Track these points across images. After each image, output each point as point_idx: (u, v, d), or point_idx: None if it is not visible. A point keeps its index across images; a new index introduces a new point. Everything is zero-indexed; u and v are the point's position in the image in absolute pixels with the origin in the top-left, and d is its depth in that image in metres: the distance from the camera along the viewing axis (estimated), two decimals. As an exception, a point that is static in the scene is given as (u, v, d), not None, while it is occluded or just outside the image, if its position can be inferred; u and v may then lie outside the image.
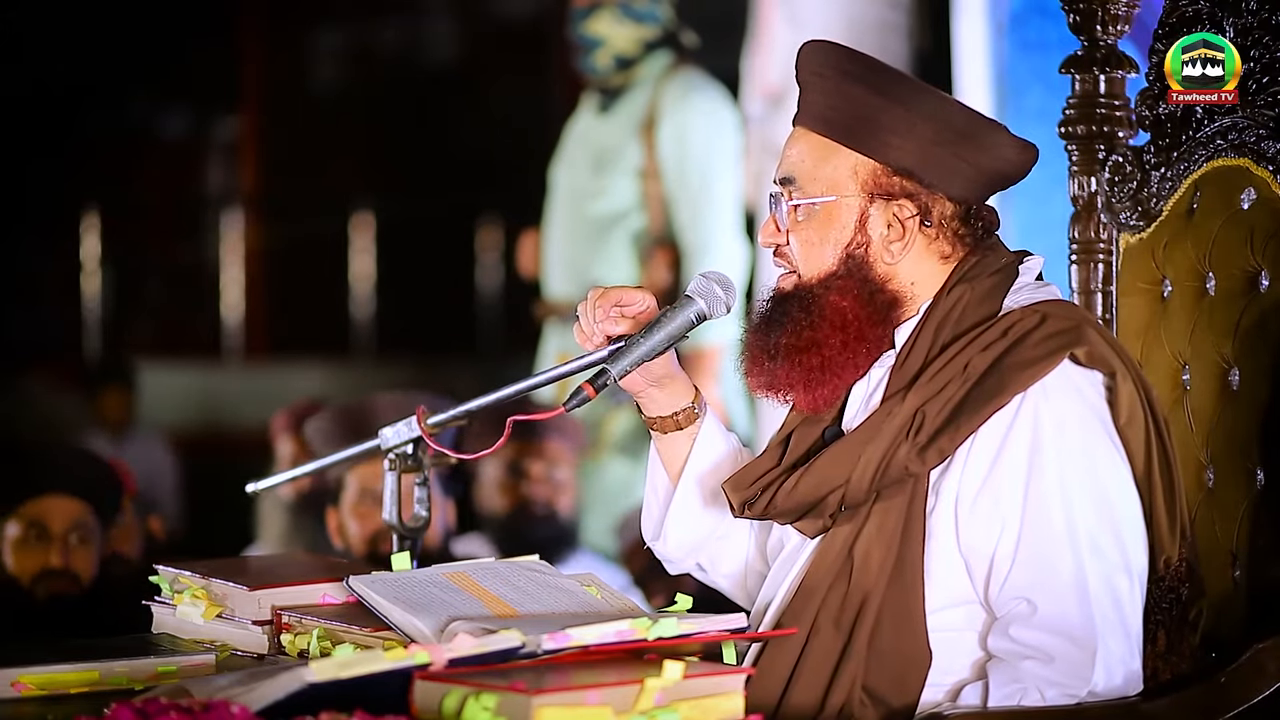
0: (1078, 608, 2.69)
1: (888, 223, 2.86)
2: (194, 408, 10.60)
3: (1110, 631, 2.70)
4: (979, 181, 2.88)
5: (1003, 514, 2.74)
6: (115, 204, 11.40)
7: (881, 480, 2.78)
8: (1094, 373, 2.78)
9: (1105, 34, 3.27)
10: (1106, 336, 2.83)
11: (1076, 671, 2.69)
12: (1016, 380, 2.74)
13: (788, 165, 2.90)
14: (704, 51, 6.58)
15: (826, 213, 2.87)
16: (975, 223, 2.89)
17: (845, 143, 2.86)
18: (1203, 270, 3.15)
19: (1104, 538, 2.72)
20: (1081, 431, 2.74)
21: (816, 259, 2.87)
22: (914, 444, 2.76)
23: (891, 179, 2.85)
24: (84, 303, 11.30)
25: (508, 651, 2.50)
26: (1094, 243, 3.29)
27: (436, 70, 11.93)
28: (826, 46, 2.92)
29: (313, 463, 3.71)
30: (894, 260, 2.86)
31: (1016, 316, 2.80)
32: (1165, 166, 3.22)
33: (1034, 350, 2.76)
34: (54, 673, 2.72)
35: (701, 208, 6.18)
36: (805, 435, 2.93)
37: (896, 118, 2.84)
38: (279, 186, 11.65)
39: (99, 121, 11.35)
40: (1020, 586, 2.72)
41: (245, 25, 11.65)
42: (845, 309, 2.84)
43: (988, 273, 2.87)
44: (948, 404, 2.76)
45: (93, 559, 4.31)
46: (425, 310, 11.26)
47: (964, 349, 2.80)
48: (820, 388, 2.87)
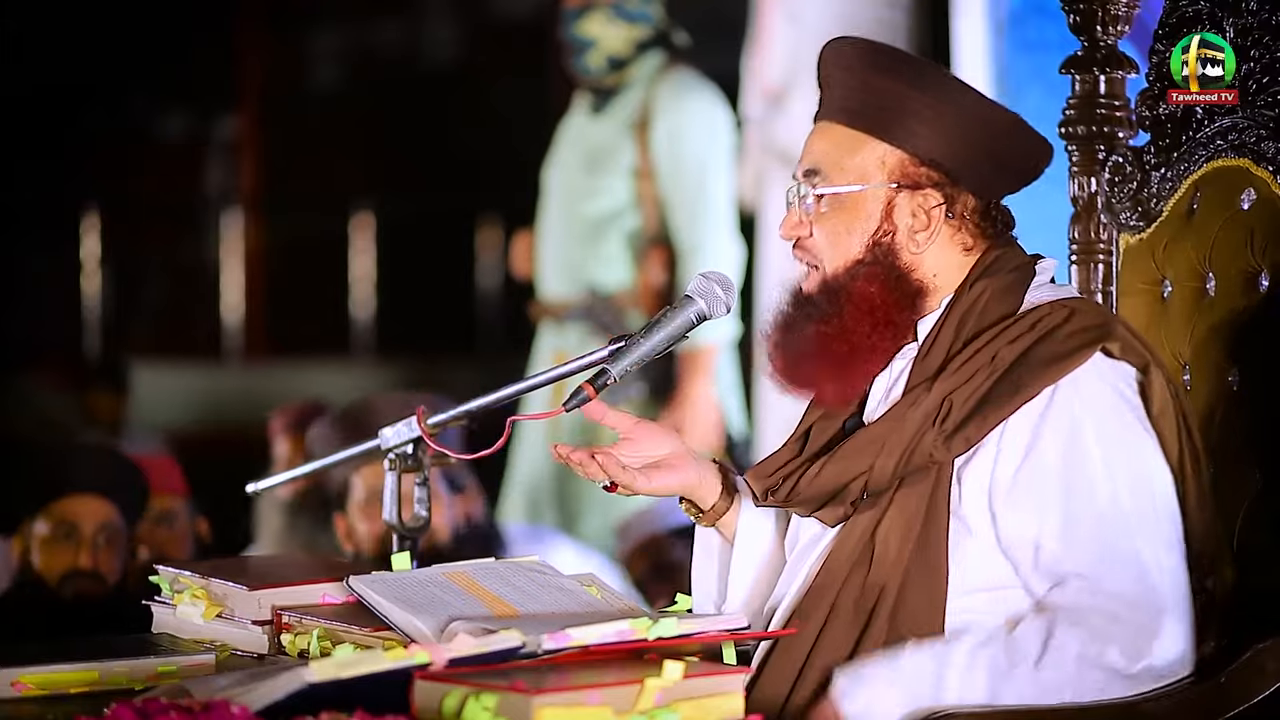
0: (1136, 583, 2.70)
1: (913, 212, 2.88)
2: (194, 408, 10.59)
3: (1171, 607, 2.71)
4: (998, 173, 2.90)
5: (1044, 500, 2.74)
6: (115, 204, 11.39)
7: (906, 467, 2.79)
8: (1126, 366, 2.80)
9: (1105, 34, 3.28)
10: (1134, 331, 2.86)
11: (1142, 635, 2.69)
12: (1047, 373, 2.76)
13: (812, 158, 2.91)
14: (702, 52, 6.57)
15: (853, 202, 2.88)
16: (995, 216, 2.92)
17: (872, 133, 2.88)
18: (1203, 271, 3.15)
19: (1151, 516, 2.73)
20: (1118, 419, 2.76)
21: (843, 248, 2.89)
22: (940, 431, 2.77)
23: (919, 169, 2.87)
24: (84, 303, 11.29)
25: (508, 651, 2.50)
26: (1094, 243, 3.29)
27: (436, 70, 11.93)
28: (852, 42, 2.94)
29: (313, 463, 3.71)
30: (919, 250, 2.88)
31: (1045, 310, 2.82)
32: (1165, 167, 3.23)
33: (1064, 344, 2.78)
34: (54, 673, 2.72)
35: (696, 207, 6.18)
36: (825, 428, 2.94)
37: (924, 107, 2.86)
38: (279, 186, 11.64)
39: (99, 121, 11.33)
40: (1076, 566, 2.72)
41: (245, 25, 11.64)
42: (873, 294, 2.85)
43: (1008, 269, 2.89)
44: (975, 394, 2.78)
45: (118, 560, 4.31)
46: (425, 310, 11.25)
47: (991, 341, 2.81)
48: (847, 377, 2.87)
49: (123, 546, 4.33)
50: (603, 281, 6.24)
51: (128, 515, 4.35)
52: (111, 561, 4.29)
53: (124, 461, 4.56)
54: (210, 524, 4.97)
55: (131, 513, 4.38)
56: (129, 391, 9.35)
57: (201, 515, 4.94)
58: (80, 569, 4.25)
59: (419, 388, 8.46)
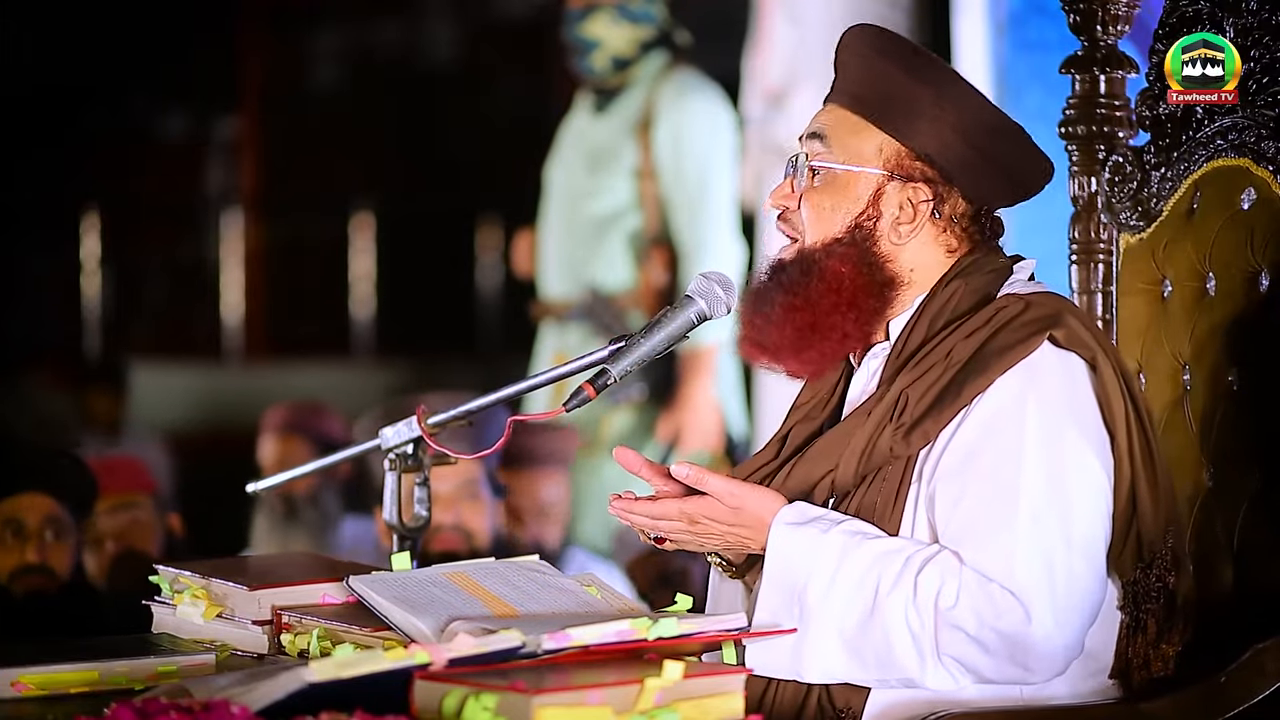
0: (1001, 563, 2.68)
1: (900, 204, 2.89)
2: (194, 408, 10.59)
3: (1045, 598, 2.67)
4: (992, 179, 2.91)
5: (953, 477, 2.75)
6: (115, 204, 11.39)
7: (866, 465, 2.81)
8: (1072, 355, 2.80)
9: (1105, 34, 3.28)
10: (1087, 323, 2.85)
11: (998, 605, 2.67)
12: (997, 363, 2.77)
13: (817, 124, 2.94)
14: (703, 52, 6.58)
15: (845, 181, 2.90)
16: (984, 223, 2.92)
17: (875, 121, 2.90)
18: (1203, 270, 3.15)
19: (1057, 508, 2.71)
20: (1049, 409, 2.75)
21: (825, 224, 2.90)
22: (897, 426, 2.78)
23: (914, 163, 2.89)
24: (84, 303, 11.29)
25: (508, 651, 2.50)
26: (1094, 243, 3.29)
27: (436, 70, 11.93)
28: (870, 28, 2.97)
29: (312, 463, 3.71)
30: (900, 241, 2.89)
31: (1002, 304, 2.84)
32: (1165, 167, 3.23)
33: (1014, 334, 2.79)
34: (54, 673, 2.71)
35: (698, 208, 6.18)
36: (803, 430, 2.95)
37: (927, 102, 2.88)
38: (279, 186, 11.65)
39: (99, 121, 11.34)
40: (952, 537, 2.72)
41: (245, 25, 11.64)
42: (843, 274, 2.87)
43: (984, 270, 2.90)
44: (931, 388, 2.79)
45: (69, 555, 4.31)
46: (425, 310, 11.26)
47: (948, 335, 2.83)
48: (809, 349, 2.88)
49: (72, 541, 4.34)
50: (604, 281, 6.24)
51: (74, 510, 4.36)
52: (61, 555, 4.29)
53: (68, 458, 4.57)
54: (197, 523, 4.98)
55: (78, 508, 4.39)
56: (129, 391, 9.35)
57: (173, 511, 4.96)
58: (29, 564, 4.25)
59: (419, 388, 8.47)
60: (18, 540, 4.28)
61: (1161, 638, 2.80)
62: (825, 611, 2.72)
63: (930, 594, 2.68)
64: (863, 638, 2.71)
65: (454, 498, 4.64)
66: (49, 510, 4.30)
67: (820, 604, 2.72)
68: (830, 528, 2.75)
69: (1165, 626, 2.80)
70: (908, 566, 2.70)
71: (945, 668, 2.70)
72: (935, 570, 2.69)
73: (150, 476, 4.95)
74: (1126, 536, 2.78)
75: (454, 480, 4.61)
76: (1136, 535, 2.78)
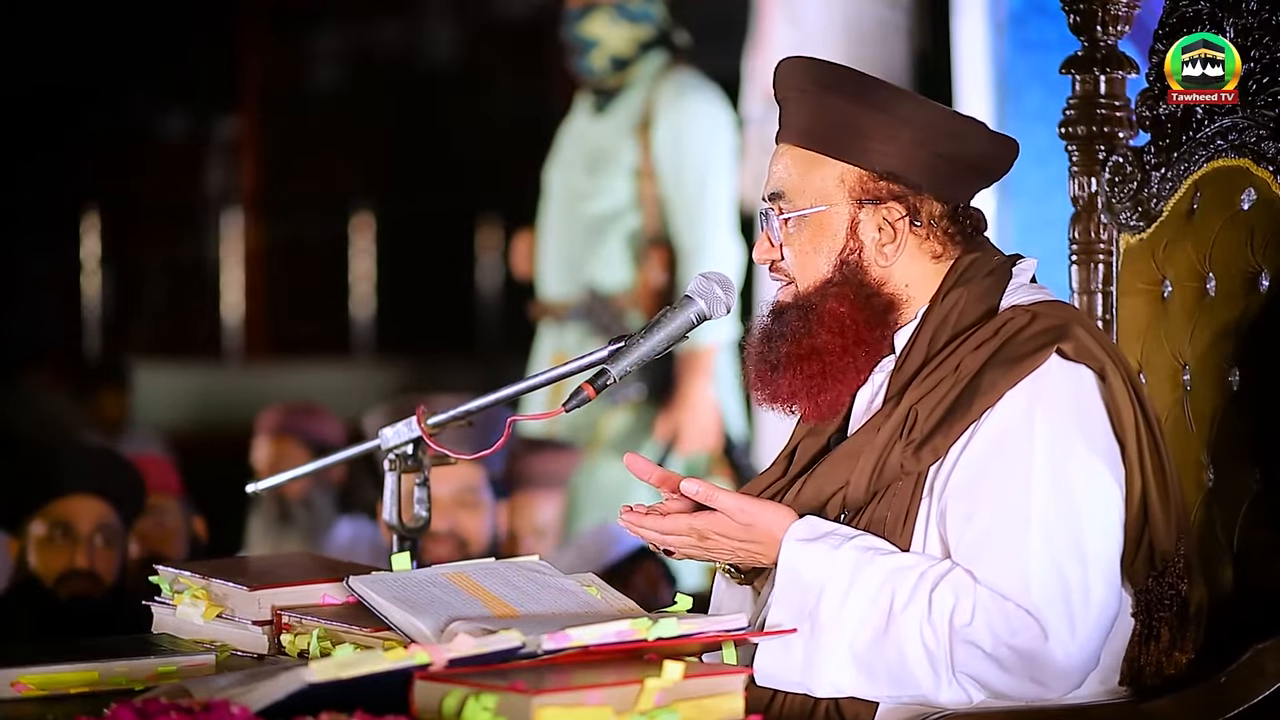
0: (1015, 581, 2.68)
1: (878, 226, 2.89)
2: (194, 408, 10.59)
3: (1058, 612, 2.68)
4: (961, 178, 2.91)
5: (965, 494, 2.75)
6: (115, 204, 11.40)
7: (878, 481, 2.80)
8: (1081, 367, 2.79)
9: (1105, 34, 3.28)
10: (1095, 333, 2.85)
11: (1011, 622, 2.67)
12: (1005, 378, 2.77)
13: (775, 181, 2.94)
14: (704, 53, 6.57)
15: (817, 222, 2.90)
16: (964, 221, 2.92)
17: (829, 153, 2.90)
18: (1203, 271, 3.15)
19: (1068, 522, 2.71)
20: (1057, 424, 2.75)
21: (812, 268, 2.91)
22: (907, 443, 2.78)
23: (878, 184, 2.88)
24: (84, 302, 11.30)
25: (508, 651, 2.50)
26: (1094, 243, 3.29)
27: (436, 70, 11.93)
28: (803, 62, 2.96)
29: (312, 463, 3.70)
30: (888, 263, 2.89)
31: (1009, 315, 2.83)
32: (1165, 167, 3.22)
33: (1023, 347, 2.79)
34: (54, 673, 2.72)
35: (697, 208, 6.18)
36: (810, 446, 2.95)
37: (877, 124, 2.87)
38: (279, 186, 11.65)
39: (99, 121, 11.34)
40: (965, 554, 2.72)
41: (245, 25, 11.64)
42: (843, 314, 2.87)
43: (982, 274, 2.90)
44: (940, 403, 2.79)
45: (115, 561, 4.30)
46: (425, 310, 11.26)
47: (956, 349, 2.83)
48: (823, 394, 2.89)
49: (120, 546, 4.33)
50: (603, 281, 6.24)
51: (124, 515, 4.35)
52: (108, 561, 4.28)
53: (121, 461, 4.55)
54: (207, 523, 4.96)
55: (128, 512, 4.37)
56: (129, 391, 9.35)
57: (198, 515, 4.93)
58: (77, 569, 4.24)
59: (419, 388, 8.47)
60: (67, 542, 4.27)
61: (1175, 645, 2.80)
62: (837, 627, 2.72)
63: (945, 611, 2.68)
64: (875, 654, 2.71)
65: (450, 504, 4.63)
66: (101, 515, 4.28)
67: (832, 620, 2.72)
68: (842, 543, 2.75)
69: (1178, 634, 2.80)
70: (921, 583, 2.70)
71: (960, 685, 2.70)
72: (949, 587, 2.69)
73: (178, 478, 4.92)
74: (1139, 545, 2.78)
75: (450, 486, 4.59)
76: (1149, 544, 2.78)
